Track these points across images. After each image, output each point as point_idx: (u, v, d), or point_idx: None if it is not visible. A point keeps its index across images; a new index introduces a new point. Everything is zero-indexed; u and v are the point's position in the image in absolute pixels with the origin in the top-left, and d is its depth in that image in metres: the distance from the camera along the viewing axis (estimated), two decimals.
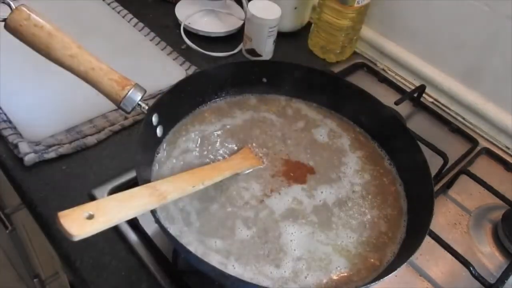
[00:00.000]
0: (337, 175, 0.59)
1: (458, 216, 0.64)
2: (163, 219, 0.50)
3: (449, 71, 0.80)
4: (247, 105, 0.66)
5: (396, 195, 0.58)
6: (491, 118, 0.76)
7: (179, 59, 0.79)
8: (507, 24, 0.69)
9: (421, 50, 0.83)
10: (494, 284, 0.54)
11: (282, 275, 0.49)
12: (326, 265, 0.50)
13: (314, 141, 0.63)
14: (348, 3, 0.77)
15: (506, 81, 0.73)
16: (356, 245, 0.52)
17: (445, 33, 0.78)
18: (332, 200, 0.56)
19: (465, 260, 0.55)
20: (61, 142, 0.63)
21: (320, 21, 0.83)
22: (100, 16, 0.86)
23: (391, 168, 0.61)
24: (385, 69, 0.88)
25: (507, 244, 0.61)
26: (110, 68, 0.51)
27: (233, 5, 0.90)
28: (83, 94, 0.56)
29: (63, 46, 0.49)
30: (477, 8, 0.72)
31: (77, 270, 0.54)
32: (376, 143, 0.64)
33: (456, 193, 0.67)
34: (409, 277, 0.56)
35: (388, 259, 0.52)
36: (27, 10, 0.48)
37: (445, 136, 0.76)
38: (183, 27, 0.82)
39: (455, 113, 0.81)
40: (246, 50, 0.82)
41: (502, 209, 0.64)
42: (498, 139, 0.77)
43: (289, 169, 0.59)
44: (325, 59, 0.87)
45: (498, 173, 0.72)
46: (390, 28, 0.86)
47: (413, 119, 0.78)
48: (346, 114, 0.67)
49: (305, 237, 0.52)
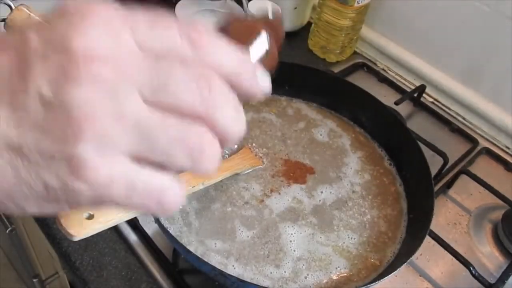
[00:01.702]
0: (337, 175, 0.59)
1: (458, 216, 0.64)
2: (163, 219, 0.50)
3: (449, 71, 0.80)
4: (247, 105, 0.66)
5: (396, 195, 0.58)
6: (491, 118, 0.76)
7: None
8: (507, 24, 0.69)
9: (421, 50, 0.83)
10: (494, 284, 0.54)
11: (282, 275, 0.49)
12: (326, 265, 0.50)
13: (314, 141, 0.63)
14: (348, 3, 0.77)
15: (506, 81, 0.73)
16: (356, 245, 0.52)
17: (445, 33, 0.78)
18: (332, 200, 0.56)
19: (465, 260, 0.55)
20: None
21: (320, 21, 0.83)
22: None
23: (391, 168, 0.61)
24: (385, 69, 0.88)
25: (507, 244, 0.61)
26: None
27: (233, 5, 0.90)
28: None
29: None
30: (477, 8, 0.72)
31: (77, 270, 0.54)
32: (376, 143, 0.64)
33: (456, 193, 0.67)
34: (409, 277, 0.56)
35: (388, 259, 0.52)
36: (27, 10, 0.48)
37: (445, 136, 0.76)
38: None
39: (455, 113, 0.81)
40: None
41: (502, 209, 0.64)
42: (498, 139, 0.77)
43: (289, 169, 0.59)
44: (325, 59, 0.87)
45: (498, 173, 0.72)
46: (390, 28, 0.86)
47: (413, 119, 0.78)
48: (346, 114, 0.67)
49: (305, 238, 0.52)
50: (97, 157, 0.19)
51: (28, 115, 0.19)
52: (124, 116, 0.20)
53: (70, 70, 0.19)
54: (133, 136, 0.20)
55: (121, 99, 0.20)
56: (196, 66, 0.21)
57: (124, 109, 0.20)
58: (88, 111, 0.19)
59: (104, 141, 0.19)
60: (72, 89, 0.19)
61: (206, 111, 0.21)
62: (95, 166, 0.19)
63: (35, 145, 0.19)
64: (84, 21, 0.20)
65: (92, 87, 0.19)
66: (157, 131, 0.20)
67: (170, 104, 0.20)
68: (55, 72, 0.19)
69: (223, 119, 0.21)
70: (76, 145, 0.19)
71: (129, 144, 0.20)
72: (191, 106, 0.21)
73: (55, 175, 0.20)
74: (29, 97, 0.19)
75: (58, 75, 0.19)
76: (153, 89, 0.20)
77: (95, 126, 0.19)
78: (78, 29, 0.20)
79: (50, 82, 0.19)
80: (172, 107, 0.21)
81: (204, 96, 0.21)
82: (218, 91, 0.21)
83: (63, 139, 0.19)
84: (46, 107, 0.19)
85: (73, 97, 0.19)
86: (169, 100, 0.20)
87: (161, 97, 0.20)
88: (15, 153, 0.19)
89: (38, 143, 0.19)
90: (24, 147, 0.19)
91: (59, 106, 0.19)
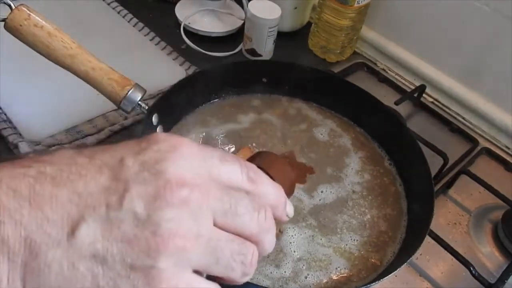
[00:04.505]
0: (337, 175, 0.59)
1: (458, 216, 0.64)
2: None
3: (449, 71, 0.80)
4: (247, 105, 0.66)
5: (396, 195, 0.58)
6: (491, 118, 0.76)
7: (179, 59, 0.79)
8: (507, 24, 0.69)
9: (421, 50, 0.83)
10: (494, 284, 0.54)
11: (282, 275, 0.49)
12: (326, 266, 0.50)
13: (314, 141, 0.63)
14: (348, 3, 0.77)
15: (506, 81, 0.73)
16: (358, 246, 0.52)
17: (445, 33, 0.78)
18: (332, 199, 0.56)
19: (465, 260, 0.55)
20: (61, 142, 0.63)
21: (320, 21, 0.83)
22: (100, 16, 0.86)
23: (391, 168, 0.61)
24: (385, 69, 0.88)
25: (507, 244, 0.61)
26: (110, 68, 0.51)
27: (233, 5, 0.90)
28: (83, 94, 0.56)
29: (63, 46, 0.49)
30: (477, 8, 0.72)
31: None
32: (376, 143, 0.64)
33: (456, 193, 0.67)
34: (409, 277, 0.56)
35: (388, 259, 0.52)
36: (27, 10, 0.48)
37: (445, 136, 0.76)
38: (183, 27, 0.82)
39: (455, 113, 0.81)
40: (246, 50, 0.82)
41: (502, 209, 0.64)
42: (498, 139, 0.77)
43: None
44: (325, 59, 0.87)
45: (498, 173, 0.72)
46: (390, 28, 0.86)
47: (413, 119, 0.78)
48: (346, 114, 0.67)
49: (305, 239, 0.52)
50: (173, 269, 0.22)
51: (118, 229, 0.22)
52: (201, 235, 0.23)
53: (165, 193, 0.22)
54: (205, 252, 0.23)
55: (200, 220, 0.23)
56: (254, 197, 0.26)
57: (201, 229, 0.23)
58: (173, 228, 0.22)
59: (182, 255, 0.22)
60: (164, 210, 0.22)
61: (259, 234, 0.26)
62: (169, 278, 0.22)
63: (120, 256, 0.21)
64: (176, 152, 0.24)
65: (180, 209, 0.22)
66: (223, 247, 0.24)
67: (236, 226, 0.25)
68: (151, 194, 0.22)
69: (268, 241, 0.27)
70: (158, 258, 0.21)
71: (199, 258, 0.23)
72: (250, 229, 0.25)
73: (132, 285, 0.22)
74: (124, 213, 0.22)
75: (153, 197, 0.22)
76: (224, 213, 0.24)
77: (177, 242, 0.22)
78: (171, 159, 0.23)
79: (145, 202, 0.22)
80: (237, 228, 0.25)
81: (261, 222, 0.26)
82: (269, 219, 0.27)
83: (147, 252, 0.21)
84: (137, 223, 0.22)
85: (164, 216, 0.22)
86: (236, 223, 0.25)
87: (229, 220, 0.25)
88: (98, 262, 0.21)
89: (123, 254, 0.21)
90: (109, 257, 0.21)
91: (149, 223, 0.22)
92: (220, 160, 0.26)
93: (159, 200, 0.22)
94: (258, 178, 0.27)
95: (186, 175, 0.23)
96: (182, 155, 0.24)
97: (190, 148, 0.25)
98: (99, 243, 0.21)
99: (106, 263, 0.21)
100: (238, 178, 0.26)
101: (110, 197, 0.22)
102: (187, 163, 0.24)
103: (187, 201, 0.22)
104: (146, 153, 0.24)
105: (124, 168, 0.23)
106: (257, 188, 0.27)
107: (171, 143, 0.24)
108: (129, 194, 0.22)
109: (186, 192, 0.23)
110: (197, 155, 0.25)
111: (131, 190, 0.22)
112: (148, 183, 0.22)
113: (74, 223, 0.21)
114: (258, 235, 0.26)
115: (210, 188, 0.24)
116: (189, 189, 0.23)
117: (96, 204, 0.22)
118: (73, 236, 0.21)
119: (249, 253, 0.25)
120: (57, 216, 0.21)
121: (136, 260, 0.21)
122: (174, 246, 0.22)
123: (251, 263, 0.25)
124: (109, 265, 0.21)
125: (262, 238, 0.26)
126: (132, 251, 0.21)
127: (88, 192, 0.22)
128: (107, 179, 0.22)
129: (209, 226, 0.24)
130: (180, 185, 0.22)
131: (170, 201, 0.22)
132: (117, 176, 0.23)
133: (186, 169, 0.23)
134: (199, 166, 0.24)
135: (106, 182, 0.22)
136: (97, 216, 0.21)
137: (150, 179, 0.22)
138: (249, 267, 0.25)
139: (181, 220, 0.22)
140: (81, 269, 0.21)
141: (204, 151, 0.26)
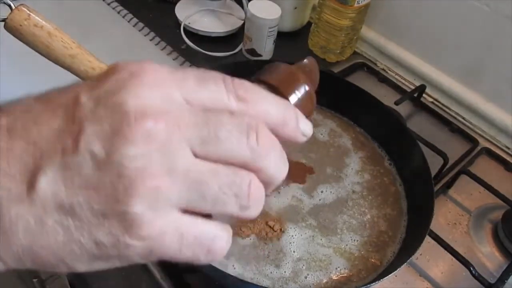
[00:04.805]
0: (337, 175, 0.59)
1: (458, 216, 0.64)
2: None
3: (449, 71, 0.80)
4: None
5: (396, 195, 0.58)
6: (491, 118, 0.76)
7: (179, 59, 0.79)
8: (507, 24, 0.69)
9: (421, 50, 0.83)
10: (494, 284, 0.54)
11: (282, 275, 0.49)
12: (326, 266, 0.50)
13: (314, 141, 0.63)
14: (348, 3, 0.77)
15: (506, 81, 0.73)
16: (358, 247, 0.52)
17: (445, 33, 0.78)
18: (332, 200, 0.56)
19: (465, 260, 0.55)
20: None
21: (320, 21, 0.83)
22: (100, 16, 0.86)
23: (391, 168, 0.61)
24: (385, 69, 0.88)
25: (507, 244, 0.61)
26: None
27: (233, 5, 0.90)
28: None
29: (63, 46, 0.49)
30: (477, 8, 0.72)
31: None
32: (376, 143, 0.64)
33: (456, 193, 0.67)
34: (409, 277, 0.56)
35: (388, 259, 0.52)
36: (27, 10, 0.48)
37: (445, 136, 0.76)
38: (183, 27, 0.82)
39: (455, 113, 0.81)
40: (246, 50, 0.82)
41: (502, 209, 0.64)
42: (498, 139, 0.77)
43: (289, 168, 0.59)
44: (325, 59, 0.87)
45: (498, 173, 0.72)
46: (390, 28, 0.86)
47: (413, 119, 0.78)
48: (346, 114, 0.67)
49: (304, 239, 0.52)
50: (150, 212, 0.20)
51: (79, 175, 0.19)
52: (176, 170, 0.20)
53: (123, 129, 0.19)
54: (185, 188, 0.20)
55: (172, 155, 0.20)
56: (243, 117, 0.22)
57: (175, 164, 0.20)
58: (140, 167, 0.19)
59: (157, 196, 0.20)
60: (124, 147, 0.19)
61: (254, 160, 0.22)
62: (149, 222, 0.20)
63: (87, 204, 0.19)
64: (135, 80, 0.20)
65: (144, 145, 0.19)
66: (207, 180, 0.21)
67: (220, 154, 0.21)
68: (108, 132, 0.19)
69: (269, 167, 0.23)
70: (129, 202, 0.19)
71: (180, 196, 0.20)
72: (240, 156, 0.21)
73: (108, 233, 0.20)
74: (81, 156, 0.19)
75: (111, 134, 0.19)
76: (203, 141, 0.21)
77: (147, 182, 0.19)
78: (129, 88, 0.20)
79: (102, 141, 0.19)
80: (222, 157, 0.21)
81: (253, 146, 0.22)
82: (265, 140, 0.22)
83: (116, 196, 0.19)
84: (97, 166, 0.19)
85: (126, 154, 0.19)
86: (219, 151, 0.21)
87: (211, 148, 0.21)
88: (65, 213, 0.20)
89: (90, 202, 0.19)
90: (76, 207, 0.19)
91: (111, 164, 0.19)
92: (197, 82, 0.22)
93: (117, 137, 0.19)
94: (251, 95, 0.23)
95: (149, 104, 0.20)
96: (143, 82, 0.20)
97: (155, 73, 0.21)
98: (62, 193, 0.19)
99: (74, 213, 0.19)
100: (223, 99, 0.22)
101: (64, 141, 0.20)
102: (151, 90, 0.20)
103: (152, 134, 0.19)
104: (102, 86, 0.20)
105: (78, 107, 0.20)
106: (249, 107, 0.23)
107: (130, 70, 0.21)
108: (84, 135, 0.19)
109: (150, 124, 0.19)
110: (166, 79, 0.21)
111: (86, 129, 0.19)
112: (104, 120, 0.20)
113: (32, 175, 0.19)
114: (254, 161, 0.22)
115: (182, 116, 0.21)
116: (152, 120, 0.20)
117: (51, 151, 0.20)
118: (34, 189, 0.19)
119: (244, 184, 0.21)
120: (14, 170, 0.19)
121: (105, 206, 0.19)
122: (144, 187, 0.19)
123: (248, 195, 0.22)
124: (78, 215, 0.19)
125: (260, 164, 0.22)
126: (98, 197, 0.19)
127: (43, 139, 0.20)
128: (61, 121, 0.20)
129: (187, 159, 0.20)
130: (141, 117, 0.19)
131: (130, 136, 0.19)
132: (71, 117, 0.20)
133: (149, 98, 0.20)
134: (169, 93, 0.21)
135: (60, 125, 0.20)
136: (55, 164, 0.19)
137: (106, 115, 0.20)
138: (247, 199, 0.22)
139: (148, 156, 0.19)
140: (50, 223, 0.19)
141: (175, 74, 0.22)
